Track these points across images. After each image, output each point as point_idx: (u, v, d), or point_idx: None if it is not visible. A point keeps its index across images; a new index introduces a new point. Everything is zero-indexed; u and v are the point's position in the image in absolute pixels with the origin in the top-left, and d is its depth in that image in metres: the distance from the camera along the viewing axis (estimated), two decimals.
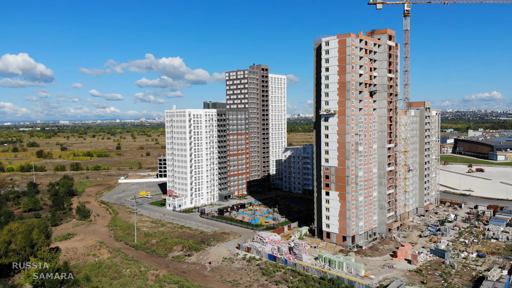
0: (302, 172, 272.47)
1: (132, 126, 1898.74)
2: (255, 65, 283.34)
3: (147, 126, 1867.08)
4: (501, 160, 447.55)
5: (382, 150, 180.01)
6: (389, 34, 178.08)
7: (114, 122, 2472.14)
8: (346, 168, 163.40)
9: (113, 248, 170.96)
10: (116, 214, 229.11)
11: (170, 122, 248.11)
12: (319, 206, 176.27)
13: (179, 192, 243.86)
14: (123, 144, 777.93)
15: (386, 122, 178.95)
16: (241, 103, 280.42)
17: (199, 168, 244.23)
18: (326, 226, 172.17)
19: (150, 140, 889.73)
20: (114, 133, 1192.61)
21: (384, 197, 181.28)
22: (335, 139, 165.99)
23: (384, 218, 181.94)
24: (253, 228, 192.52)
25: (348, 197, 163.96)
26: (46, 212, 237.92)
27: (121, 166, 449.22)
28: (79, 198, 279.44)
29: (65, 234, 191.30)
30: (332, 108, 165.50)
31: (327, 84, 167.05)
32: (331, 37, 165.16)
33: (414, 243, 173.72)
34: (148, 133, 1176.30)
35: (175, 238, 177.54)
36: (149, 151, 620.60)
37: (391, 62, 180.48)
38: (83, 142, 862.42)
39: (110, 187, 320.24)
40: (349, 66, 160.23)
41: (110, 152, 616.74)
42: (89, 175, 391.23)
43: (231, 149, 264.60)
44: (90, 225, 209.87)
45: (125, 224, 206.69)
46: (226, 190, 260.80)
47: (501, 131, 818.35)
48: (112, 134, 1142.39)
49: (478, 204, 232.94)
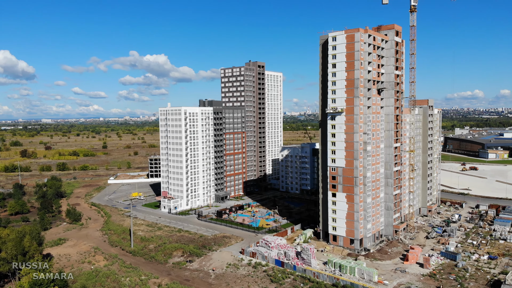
0: (299, 172, 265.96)
1: (116, 125, 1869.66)
2: (251, 62, 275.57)
3: (131, 125, 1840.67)
4: (492, 158, 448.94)
5: (389, 149, 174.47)
6: (396, 30, 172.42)
7: (98, 121, 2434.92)
8: (354, 169, 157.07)
9: (109, 254, 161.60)
10: (109, 217, 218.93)
11: (164, 121, 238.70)
12: (325, 208, 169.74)
13: (174, 193, 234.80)
14: (109, 143, 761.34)
15: (393, 120, 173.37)
16: (237, 101, 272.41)
17: (195, 169, 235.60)
18: (332, 229, 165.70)
19: (137, 139, 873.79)
20: (99, 132, 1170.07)
21: (391, 198, 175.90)
22: (343, 139, 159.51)
23: (391, 219, 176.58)
24: (255, 231, 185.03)
25: (356, 199, 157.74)
26: (34, 215, 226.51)
27: (109, 166, 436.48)
28: (68, 200, 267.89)
29: (56, 239, 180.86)
30: (340, 106, 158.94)
31: (334, 81, 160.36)
32: (338, 32, 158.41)
33: (422, 245, 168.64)
34: (134, 132, 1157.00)
35: (174, 243, 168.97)
36: (136, 150, 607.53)
37: (397, 59, 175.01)
38: (68, 141, 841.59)
39: (99, 188, 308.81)
40: (357, 62, 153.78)
41: (96, 151, 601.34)
42: (77, 175, 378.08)
43: (228, 148, 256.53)
44: (82, 229, 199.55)
45: (119, 227, 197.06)
46: (222, 191, 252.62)
47: (487, 129, 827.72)
48: (97, 133, 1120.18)
49: (479, 204, 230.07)
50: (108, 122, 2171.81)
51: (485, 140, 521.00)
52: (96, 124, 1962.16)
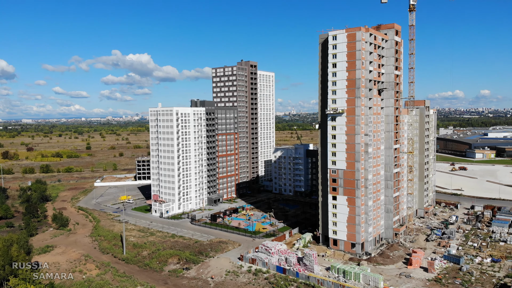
0: (293, 174, 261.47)
1: (98, 125, 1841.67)
2: (243, 62, 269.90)
3: (114, 125, 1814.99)
4: (479, 158, 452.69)
5: (389, 151, 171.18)
6: (396, 29, 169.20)
7: (80, 121, 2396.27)
8: (356, 171, 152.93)
9: (101, 262, 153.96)
10: (98, 222, 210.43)
11: (155, 122, 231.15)
12: (324, 212, 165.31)
13: (165, 197, 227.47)
14: (93, 143, 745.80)
15: (393, 121, 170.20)
16: (229, 101, 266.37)
17: (188, 171, 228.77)
18: (333, 233, 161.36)
19: (121, 140, 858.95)
20: (82, 132, 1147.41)
21: (391, 200, 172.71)
22: (344, 140, 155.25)
23: (391, 222, 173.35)
24: (252, 236, 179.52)
25: (358, 202, 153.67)
26: (18, 220, 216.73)
27: (95, 168, 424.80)
28: (53, 204, 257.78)
29: (44, 246, 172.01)
30: (340, 107, 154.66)
31: (335, 81, 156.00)
32: (339, 31, 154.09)
33: (423, 248, 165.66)
34: (117, 132, 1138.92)
35: (168, 249, 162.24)
36: (121, 151, 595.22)
37: (397, 59, 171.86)
38: (50, 142, 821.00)
39: (86, 191, 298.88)
40: (359, 62, 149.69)
41: (80, 152, 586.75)
42: (61, 177, 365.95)
43: (220, 150, 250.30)
44: (70, 235, 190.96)
45: (110, 233, 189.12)
46: (215, 193, 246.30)
47: (470, 128, 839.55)
48: (80, 133, 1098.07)
49: (474, 204, 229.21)
50: (90, 122, 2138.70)
51: (471, 140, 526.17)
52: (78, 124, 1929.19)
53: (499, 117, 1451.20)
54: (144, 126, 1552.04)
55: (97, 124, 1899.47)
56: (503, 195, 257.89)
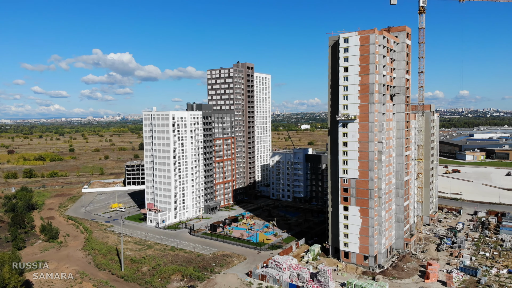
0: (292, 179, 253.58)
1: (79, 125, 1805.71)
2: (239, 63, 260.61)
3: (95, 125, 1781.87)
4: (469, 159, 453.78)
5: (400, 158, 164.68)
6: (406, 32, 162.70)
7: (60, 121, 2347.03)
8: (369, 180, 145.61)
9: (98, 280, 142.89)
10: (90, 233, 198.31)
11: (149, 126, 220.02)
12: (335, 222, 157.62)
13: (161, 205, 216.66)
14: (76, 145, 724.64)
15: (404, 127, 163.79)
16: (225, 104, 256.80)
17: (184, 178, 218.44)
18: (344, 245, 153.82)
19: (104, 141, 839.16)
20: (63, 133, 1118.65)
21: (401, 209, 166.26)
22: (356, 148, 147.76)
23: (401, 232, 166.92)
24: (257, 248, 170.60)
25: (371, 213, 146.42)
26: (4, 231, 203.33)
27: (80, 172, 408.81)
28: (40, 213, 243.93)
29: (34, 261, 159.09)
30: (352, 113, 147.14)
31: (346, 86, 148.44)
32: (351, 33, 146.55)
33: (436, 258, 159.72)
34: (100, 133, 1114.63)
35: (170, 265, 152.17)
36: (106, 153, 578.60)
37: (407, 62, 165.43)
38: (31, 143, 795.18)
39: (74, 198, 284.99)
40: (372, 66, 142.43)
41: (63, 155, 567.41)
42: (46, 183, 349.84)
43: (217, 155, 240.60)
44: (62, 249, 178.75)
45: (104, 246, 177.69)
46: (212, 200, 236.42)
47: (454, 129, 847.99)
48: (61, 134, 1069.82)
49: (478, 210, 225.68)
50: (71, 123, 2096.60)
51: (460, 141, 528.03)
52: (58, 124, 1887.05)
53: (479, 117, 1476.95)
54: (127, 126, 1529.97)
55: (78, 125, 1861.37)
56: (503, 199, 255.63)
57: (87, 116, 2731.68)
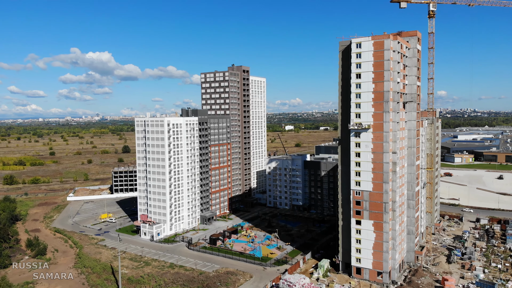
0: (290, 186, 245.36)
1: (57, 126, 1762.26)
2: (234, 66, 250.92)
3: (74, 126, 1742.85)
4: (458, 162, 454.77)
5: (411, 168, 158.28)
6: (417, 37, 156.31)
7: (37, 121, 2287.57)
8: (383, 193, 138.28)
9: None
10: (80, 248, 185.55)
11: (142, 133, 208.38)
12: (346, 236, 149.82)
13: (155, 216, 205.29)
14: (56, 148, 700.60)
15: (415, 136, 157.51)
16: (220, 108, 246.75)
17: (180, 187, 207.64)
18: (356, 261, 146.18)
19: (85, 143, 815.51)
20: (41, 135, 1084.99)
21: (412, 221, 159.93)
22: (370, 159, 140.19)
23: (412, 245, 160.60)
24: (261, 263, 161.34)
25: (386, 227, 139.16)
26: None
27: (64, 178, 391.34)
28: (24, 225, 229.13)
29: (22, 283, 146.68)
30: (366, 122, 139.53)
31: (359, 94, 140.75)
32: (364, 38, 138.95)
33: (448, 272, 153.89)
34: (80, 135, 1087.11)
35: (171, 285, 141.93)
36: (89, 157, 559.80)
37: (418, 68, 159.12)
38: (9, 146, 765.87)
39: (59, 207, 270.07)
40: (387, 73, 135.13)
41: (44, 159, 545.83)
42: (28, 190, 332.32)
43: (213, 162, 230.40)
44: (51, 267, 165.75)
45: (97, 264, 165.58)
46: (208, 210, 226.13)
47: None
48: (39, 136, 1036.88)
49: (480, 217, 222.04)
50: (49, 123, 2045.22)
51: (448, 143, 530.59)
52: (36, 125, 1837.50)
53: (457, 118, 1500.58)
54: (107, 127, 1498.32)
55: (56, 125, 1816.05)
56: (502, 205, 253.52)
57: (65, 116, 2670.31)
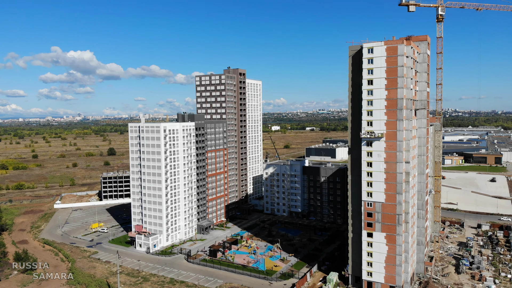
0: (288, 192, 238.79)
1: (38, 126, 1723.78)
2: (230, 69, 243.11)
3: (55, 126, 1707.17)
4: (448, 164, 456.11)
5: (421, 177, 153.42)
6: (427, 42, 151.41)
7: (17, 121, 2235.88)
8: (397, 205, 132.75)
9: None
10: (73, 262, 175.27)
11: (136, 139, 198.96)
12: (356, 249, 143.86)
13: (151, 227, 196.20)
14: (39, 150, 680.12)
15: (425, 144, 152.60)
16: (216, 113, 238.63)
17: (176, 196, 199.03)
18: (367, 274, 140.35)
19: (68, 145, 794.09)
20: (23, 136, 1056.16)
21: (422, 231, 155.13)
22: (382, 169, 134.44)
23: (422, 256, 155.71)
24: (266, 278, 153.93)
25: (399, 240, 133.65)
26: None
27: (49, 183, 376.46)
28: (11, 235, 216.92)
29: None
30: (378, 131, 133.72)
31: (371, 101, 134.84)
32: (376, 43, 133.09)
33: (459, 283, 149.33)
34: (62, 136, 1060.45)
35: None
36: (73, 160, 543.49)
37: (428, 74, 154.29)
38: None
39: (46, 216, 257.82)
40: (401, 79, 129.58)
41: (27, 162, 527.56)
42: (12, 197, 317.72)
43: (210, 168, 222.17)
44: (42, 284, 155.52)
45: (92, 280, 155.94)
46: (205, 219, 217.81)
47: None
48: (21, 137, 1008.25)
49: (481, 223, 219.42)
50: (29, 123, 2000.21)
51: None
52: (16, 125, 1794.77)
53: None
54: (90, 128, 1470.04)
55: (37, 125, 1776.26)
56: (500, 209, 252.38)
57: (46, 116, 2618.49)
